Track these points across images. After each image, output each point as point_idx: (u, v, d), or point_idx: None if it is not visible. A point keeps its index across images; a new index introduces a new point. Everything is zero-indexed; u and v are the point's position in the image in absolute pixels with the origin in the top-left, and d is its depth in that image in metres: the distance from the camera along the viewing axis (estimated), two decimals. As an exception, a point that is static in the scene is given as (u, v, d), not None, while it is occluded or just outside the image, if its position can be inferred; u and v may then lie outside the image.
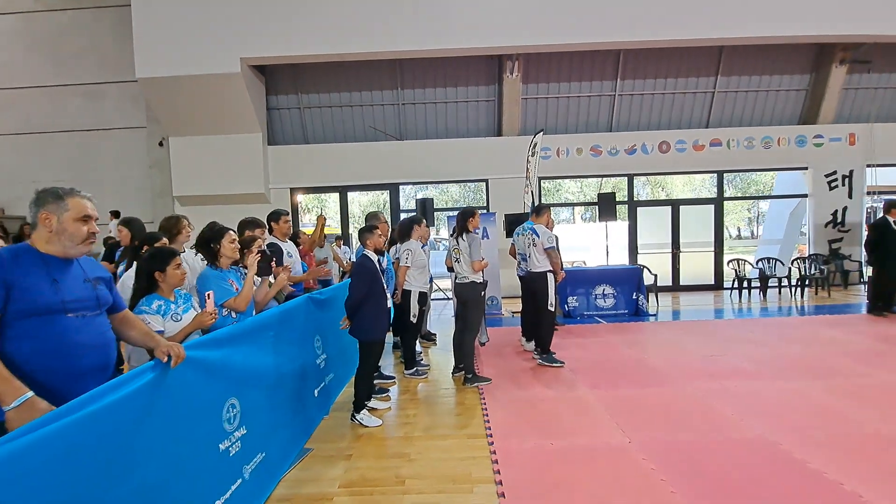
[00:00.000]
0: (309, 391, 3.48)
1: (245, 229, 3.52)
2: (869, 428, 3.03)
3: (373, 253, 3.48)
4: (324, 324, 3.91)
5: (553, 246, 4.79)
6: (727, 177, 11.16)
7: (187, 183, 9.85)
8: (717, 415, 3.35)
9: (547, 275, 4.75)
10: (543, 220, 4.94)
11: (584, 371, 4.51)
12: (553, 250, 4.77)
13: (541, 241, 4.74)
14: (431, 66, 9.72)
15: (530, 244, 4.82)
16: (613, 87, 9.89)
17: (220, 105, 9.24)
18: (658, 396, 3.75)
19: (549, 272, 4.78)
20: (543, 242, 4.74)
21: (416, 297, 4.46)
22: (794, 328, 6.00)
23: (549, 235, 4.79)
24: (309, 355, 3.56)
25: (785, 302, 8.33)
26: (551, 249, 4.75)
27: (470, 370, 4.24)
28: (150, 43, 8.73)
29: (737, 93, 9.95)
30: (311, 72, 9.85)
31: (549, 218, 5.11)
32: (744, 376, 4.14)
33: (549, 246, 4.74)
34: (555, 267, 4.80)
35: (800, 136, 9.78)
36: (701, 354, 4.91)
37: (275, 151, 10.11)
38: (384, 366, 4.98)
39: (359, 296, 3.33)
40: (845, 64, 9.21)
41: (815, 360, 4.55)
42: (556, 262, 4.79)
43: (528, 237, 4.86)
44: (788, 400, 3.54)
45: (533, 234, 4.80)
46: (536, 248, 4.76)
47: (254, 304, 2.86)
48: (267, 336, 2.86)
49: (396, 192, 10.32)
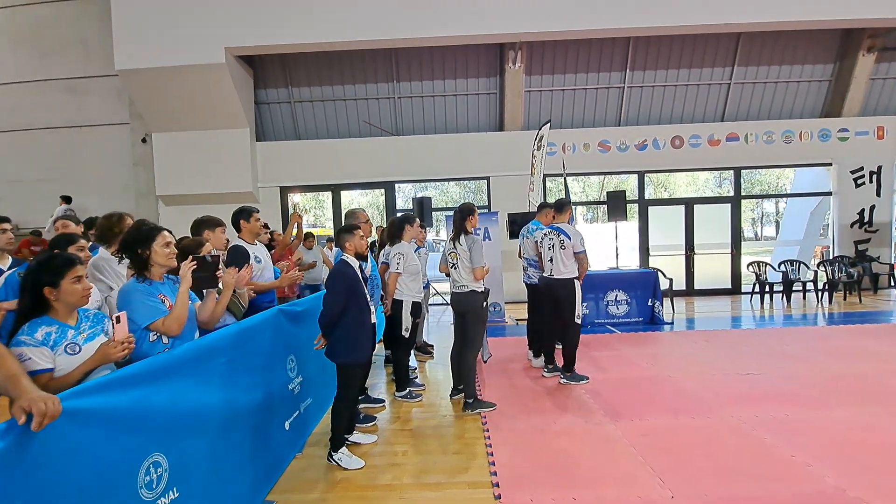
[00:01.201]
0: (277, 426, 2.88)
1: (201, 230, 2.92)
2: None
3: (353, 258, 2.89)
4: (300, 340, 3.31)
5: (585, 250, 4.21)
6: (726, 175, 10.56)
7: (171, 182, 9.29)
8: (774, 455, 2.74)
9: (574, 282, 4.18)
10: (565, 219, 4.34)
11: (603, 394, 3.90)
12: (584, 254, 4.20)
13: (572, 243, 4.16)
14: (429, 56, 9.14)
15: (554, 246, 4.23)
16: (622, 79, 9.29)
17: (205, 99, 8.68)
18: (695, 429, 3.14)
19: (576, 279, 4.20)
20: (575, 245, 4.16)
21: (409, 308, 3.87)
22: (833, 340, 5.38)
23: (581, 237, 4.20)
24: (278, 381, 2.97)
25: (812, 308, 7.70)
26: (583, 254, 4.17)
27: (471, 394, 3.64)
28: (129, 32, 8.19)
29: (754, 84, 9.34)
30: (301, 63, 9.28)
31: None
32: (793, 402, 3.53)
33: (582, 250, 4.17)
34: (582, 274, 4.21)
35: (823, 130, 9.16)
36: (735, 372, 4.30)
37: (264, 148, 9.54)
38: (373, 386, 4.39)
39: (335, 310, 2.74)
40: (873, 52, 8.59)
41: (871, 380, 3.93)
42: (585, 268, 4.21)
43: (552, 237, 4.26)
44: (856, 434, 2.93)
45: (561, 234, 4.21)
46: (565, 251, 4.17)
47: (195, 323, 2.27)
48: (214, 364, 2.26)
49: (392, 191, 9.73)
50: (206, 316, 2.32)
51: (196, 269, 2.12)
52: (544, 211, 4.85)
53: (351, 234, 2.88)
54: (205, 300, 2.35)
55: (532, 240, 4.75)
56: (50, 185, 9.83)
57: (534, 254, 4.75)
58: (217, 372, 2.28)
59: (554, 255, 4.23)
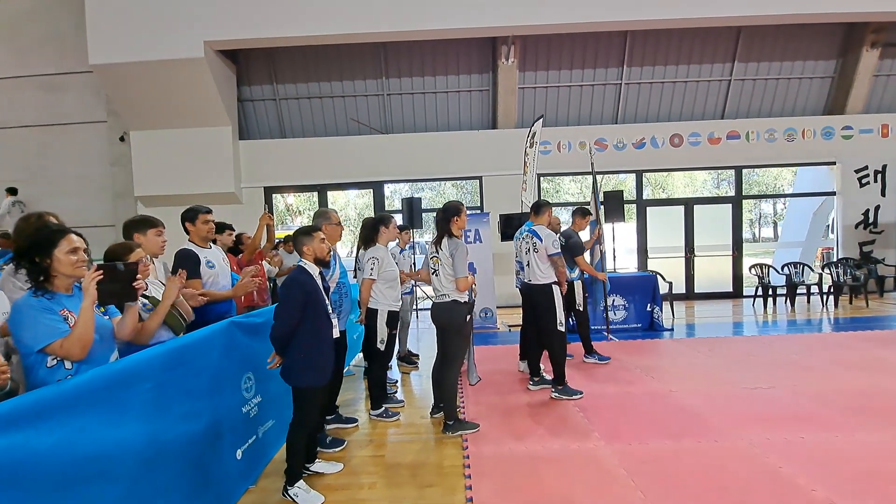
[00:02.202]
0: (225, 456, 2.52)
1: (130, 233, 2.56)
2: None
3: (312, 264, 2.53)
4: (259, 355, 2.95)
5: (559, 252, 3.93)
6: (724, 175, 10.26)
7: (150, 181, 8.93)
8: (791, 489, 2.40)
9: (552, 287, 3.89)
10: (544, 221, 4.07)
11: (598, 411, 3.55)
12: (559, 257, 3.92)
13: (543, 245, 3.89)
14: (419, 51, 8.80)
15: (530, 249, 3.96)
16: (619, 75, 8.96)
17: (185, 95, 8.31)
18: (701, 454, 2.80)
19: (555, 284, 3.89)
20: (547, 247, 3.89)
21: (385, 318, 3.51)
22: (844, 349, 5.05)
23: (554, 239, 3.94)
24: (229, 404, 2.61)
25: (817, 313, 7.38)
26: (557, 256, 3.90)
27: (451, 415, 3.28)
28: (104, 25, 7.82)
29: (755, 80, 9.03)
30: (287, 59, 8.92)
31: (551, 217, 4.19)
32: (809, 422, 3.18)
33: (555, 252, 3.89)
34: (559, 277, 3.91)
35: (826, 128, 8.86)
36: (742, 386, 3.96)
37: (247, 147, 9.18)
38: (348, 402, 4.03)
39: (288, 324, 2.38)
40: (877, 47, 8.30)
41: (892, 396, 3.59)
42: (561, 271, 3.91)
43: (527, 241, 3.99)
44: (884, 465, 2.58)
45: (534, 237, 3.96)
46: (538, 254, 3.92)
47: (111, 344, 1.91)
48: (136, 392, 1.90)
49: (381, 191, 9.37)
50: (126, 333, 1.96)
51: (104, 281, 1.75)
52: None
53: (310, 236, 2.52)
54: (124, 315, 1.99)
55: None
56: (24, 186, 9.44)
57: None
58: (139, 400, 1.92)
59: (530, 259, 3.98)
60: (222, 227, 3.88)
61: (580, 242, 4.81)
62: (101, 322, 1.87)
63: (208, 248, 3.04)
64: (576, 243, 4.74)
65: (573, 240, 4.76)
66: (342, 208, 21.89)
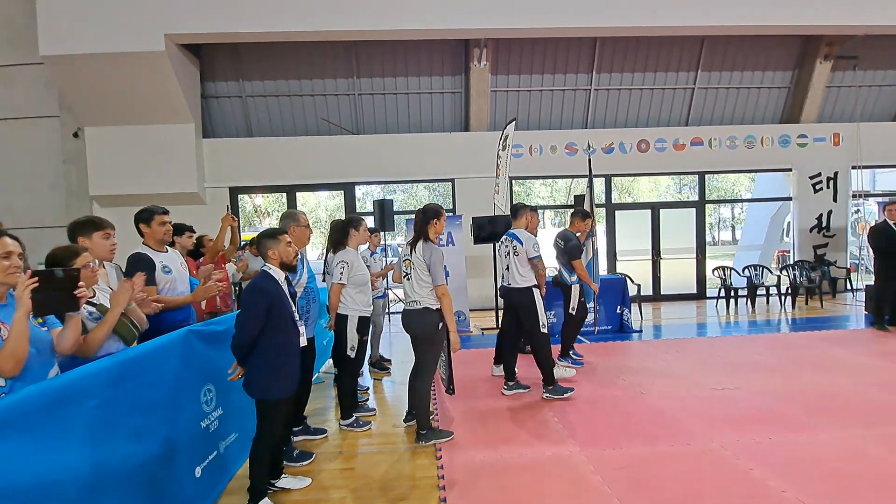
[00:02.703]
0: (182, 475, 2.35)
1: (76, 235, 2.36)
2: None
3: (278, 269, 2.39)
4: (220, 365, 2.78)
5: (539, 255, 3.92)
6: (686, 180, 10.62)
7: (106, 180, 8.46)
8: (762, 491, 2.43)
9: (532, 290, 3.89)
10: (522, 223, 4.08)
11: (572, 416, 3.54)
12: (539, 260, 3.92)
13: (524, 248, 3.89)
14: (391, 52, 8.69)
15: (510, 252, 3.98)
16: (589, 81, 9.11)
17: (144, 90, 7.92)
18: (675, 459, 2.81)
19: (535, 287, 3.89)
20: (528, 251, 3.89)
21: (355, 324, 3.39)
22: (803, 348, 5.24)
23: (534, 242, 3.95)
24: (186, 418, 2.44)
25: (776, 314, 7.67)
26: (537, 259, 3.90)
27: (424, 424, 3.19)
28: (57, 14, 7.36)
29: (717, 89, 9.35)
30: (253, 55, 8.64)
31: (531, 219, 4.17)
32: (775, 422, 3.25)
33: (535, 255, 3.89)
34: (539, 279, 3.91)
35: (783, 136, 9.26)
36: (710, 388, 4.03)
37: (211, 145, 8.83)
38: (317, 411, 3.88)
39: (250, 332, 2.24)
40: (830, 60, 8.73)
41: (850, 396, 3.72)
42: (541, 274, 3.90)
43: (507, 244, 4.03)
44: (847, 465, 2.65)
45: (514, 240, 3.97)
46: (518, 257, 3.91)
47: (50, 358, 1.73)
48: (78, 410, 1.74)
49: (352, 192, 9.19)
50: (67, 346, 1.79)
51: (40, 289, 1.59)
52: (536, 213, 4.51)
53: (275, 239, 2.39)
54: (64, 326, 1.81)
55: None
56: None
57: None
58: (83, 420, 1.75)
59: (510, 263, 3.98)
60: (182, 228, 3.68)
61: (579, 245, 4.77)
62: (37, 334, 1.70)
63: (164, 251, 2.85)
64: (574, 246, 4.70)
65: (572, 242, 4.71)
66: (312, 210, 21.42)
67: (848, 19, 7.76)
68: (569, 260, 4.66)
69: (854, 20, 7.77)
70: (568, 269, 4.71)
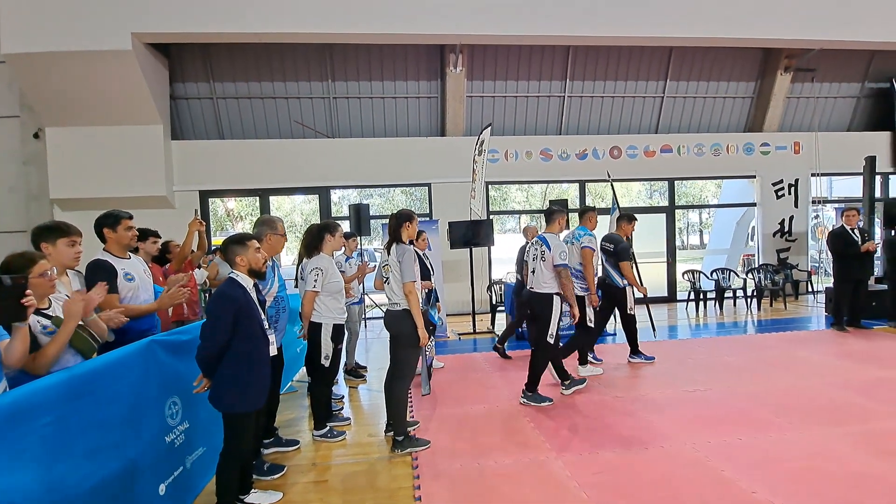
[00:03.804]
0: (145, 493, 2.24)
1: (38, 241, 2.24)
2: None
3: (246, 276, 2.32)
4: (186, 377, 2.67)
5: (565, 264, 3.81)
6: (656, 186, 10.92)
7: (68, 183, 8.10)
8: (734, 492, 2.48)
9: (553, 298, 3.81)
10: (555, 228, 3.98)
11: (549, 421, 3.56)
12: (564, 269, 3.81)
13: (551, 254, 3.81)
14: (366, 55, 8.64)
15: (538, 256, 3.90)
16: (563, 88, 9.26)
17: (109, 90, 7.63)
18: (649, 463, 2.84)
19: (557, 294, 3.83)
20: (554, 257, 3.80)
21: (330, 333, 3.32)
22: (769, 349, 5.42)
23: (562, 250, 3.85)
24: (149, 434, 2.33)
25: (743, 315, 7.92)
26: (562, 268, 3.80)
27: (401, 431, 3.15)
28: (19, 10, 7.02)
29: (685, 98, 9.65)
30: (225, 56, 8.45)
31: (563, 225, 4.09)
32: (744, 423, 3.34)
33: (561, 263, 3.79)
34: (564, 290, 3.83)
35: (748, 144, 9.62)
36: (682, 389, 4.12)
37: (181, 147, 8.57)
38: (291, 422, 3.78)
39: (217, 343, 2.16)
40: (790, 72, 9.13)
41: (815, 395, 3.85)
42: (564, 283, 3.82)
43: (537, 248, 3.95)
44: (814, 464, 2.73)
45: (543, 244, 3.89)
46: (545, 262, 3.83)
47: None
48: (30, 429, 1.64)
49: (327, 196, 9.07)
50: (15, 360, 1.69)
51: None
52: (587, 215, 4.57)
53: (243, 245, 2.31)
54: (11, 338, 1.71)
55: (578, 246, 4.40)
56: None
57: (577, 261, 4.39)
58: (35, 439, 1.66)
59: (536, 267, 3.92)
60: (146, 234, 3.55)
61: (628, 248, 4.84)
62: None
63: (127, 258, 2.73)
64: (624, 248, 4.76)
65: (621, 245, 4.76)
66: (287, 214, 21.06)
67: (805, 34, 8.14)
68: (617, 262, 4.70)
69: (810, 35, 8.16)
70: (618, 272, 4.77)
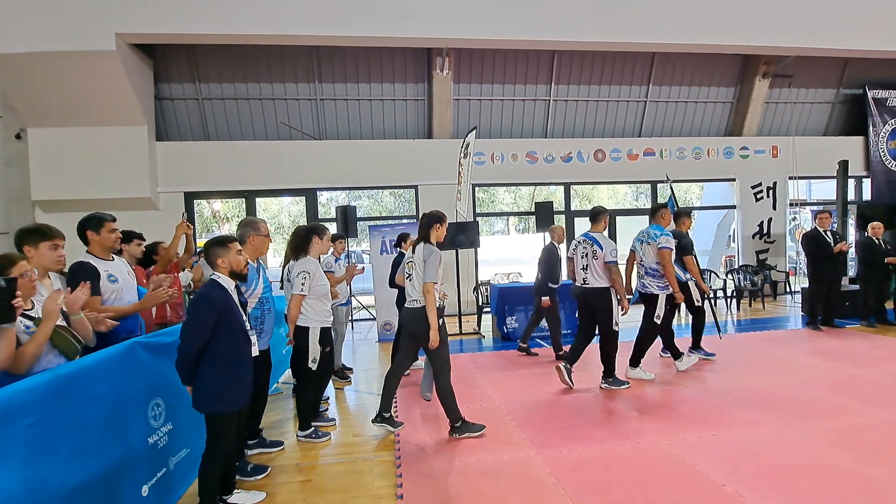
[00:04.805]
0: (127, 494, 2.26)
1: (22, 244, 2.25)
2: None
3: (227, 278, 2.35)
4: (169, 378, 2.70)
5: (615, 261, 4.18)
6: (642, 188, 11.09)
7: (51, 184, 8.00)
8: (705, 486, 2.57)
9: (609, 291, 4.21)
10: (601, 228, 4.38)
11: (530, 419, 3.64)
12: (614, 265, 4.18)
13: (603, 253, 4.19)
14: (353, 57, 8.67)
15: (588, 254, 4.27)
16: (548, 92, 9.39)
17: (93, 91, 7.56)
18: (626, 457, 2.93)
19: (611, 287, 4.21)
20: (606, 255, 4.18)
21: (318, 336, 3.35)
22: (747, 348, 5.58)
23: (613, 248, 4.22)
24: (132, 435, 2.35)
25: (723, 315, 8.10)
26: (612, 265, 4.17)
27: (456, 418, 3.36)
28: (1, 10, 6.91)
29: (667, 103, 9.84)
30: (211, 56, 8.42)
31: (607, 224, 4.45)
32: (719, 419, 3.45)
33: (611, 260, 4.17)
34: (615, 285, 4.20)
35: (727, 148, 9.84)
36: (660, 387, 4.23)
37: (165, 148, 8.51)
38: (276, 423, 3.80)
39: (195, 347, 2.19)
40: (768, 77, 9.37)
41: (789, 392, 3.97)
42: (614, 278, 4.18)
43: (586, 247, 4.30)
44: (783, 458, 2.83)
45: (594, 244, 4.26)
46: (598, 261, 4.23)
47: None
48: (11, 431, 1.66)
49: (314, 198, 9.07)
50: (1, 360, 1.69)
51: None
52: (660, 213, 4.68)
53: (225, 247, 2.34)
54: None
55: (655, 245, 4.48)
56: None
57: (654, 261, 4.48)
58: (17, 440, 1.68)
59: (588, 264, 4.27)
60: (130, 236, 3.55)
61: (691, 242, 5.02)
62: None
63: (111, 259, 2.75)
64: (688, 243, 4.94)
65: (685, 240, 4.93)
66: (275, 215, 20.93)
67: (781, 41, 8.38)
68: (681, 256, 4.85)
69: (787, 42, 8.40)
70: (681, 267, 4.89)
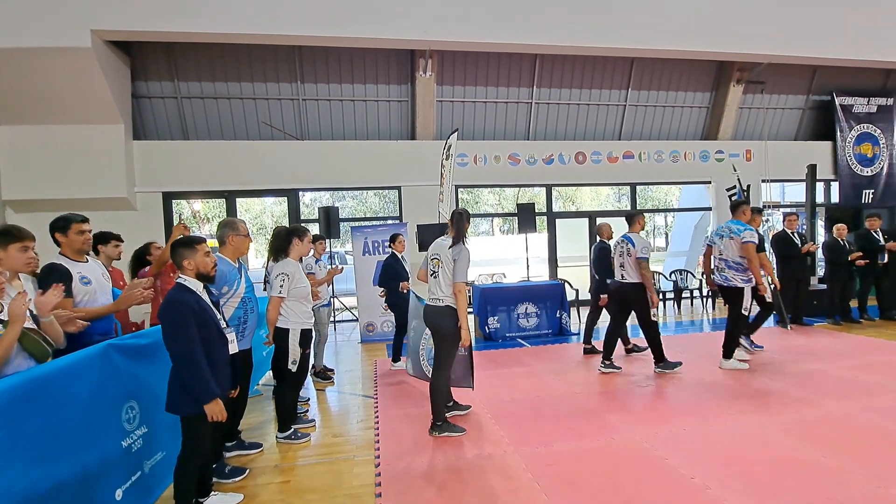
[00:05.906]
0: (100, 498, 2.23)
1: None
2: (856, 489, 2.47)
3: (194, 280, 2.34)
4: (144, 380, 2.68)
5: (646, 257, 4.56)
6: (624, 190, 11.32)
7: (22, 184, 7.78)
8: (674, 478, 2.66)
9: (643, 285, 4.59)
10: (637, 228, 4.78)
11: (509, 417, 3.69)
12: (644, 262, 4.55)
13: (635, 250, 4.60)
14: (336, 57, 8.64)
15: (624, 253, 4.70)
16: (530, 95, 9.50)
17: (67, 88, 7.37)
18: (599, 453, 3.01)
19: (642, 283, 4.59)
20: (637, 252, 4.58)
21: (297, 338, 3.35)
22: (720, 345, 5.71)
23: (644, 245, 4.61)
24: (105, 439, 2.32)
25: (698, 314, 8.31)
26: (643, 260, 4.55)
27: (440, 416, 3.39)
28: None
29: (646, 107, 10.04)
30: (191, 54, 8.29)
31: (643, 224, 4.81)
32: (691, 414, 3.56)
33: (641, 256, 4.55)
34: (644, 281, 4.56)
35: (703, 152, 10.09)
36: (636, 384, 4.34)
37: (143, 148, 8.36)
38: (256, 425, 3.79)
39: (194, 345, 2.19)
40: (741, 83, 9.64)
41: (757, 387, 4.14)
42: (644, 274, 4.54)
43: (623, 246, 4.73)
44: (749, 451, 2.94)
45: (628, 243, 4.69)
46: (632, 258, 4.62)
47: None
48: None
49: (296, 199, 9.01)
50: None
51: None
52: (741, 209, 4.88)
53: (192, 248, 2.33)
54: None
55: (739, 239, 4.57)
56: None
57: (737, 255, 4.59)
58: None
59: (624, 262, 4.69)
60: (108, 237, 3.49)
61: (762, 239, 5.26)
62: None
63: (84, 261, 2.71)
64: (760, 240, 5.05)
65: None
66: (257, 216, 20.68)
67: (754, 49, 8.64)
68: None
69: (759, 50, 8.67)
70: None
